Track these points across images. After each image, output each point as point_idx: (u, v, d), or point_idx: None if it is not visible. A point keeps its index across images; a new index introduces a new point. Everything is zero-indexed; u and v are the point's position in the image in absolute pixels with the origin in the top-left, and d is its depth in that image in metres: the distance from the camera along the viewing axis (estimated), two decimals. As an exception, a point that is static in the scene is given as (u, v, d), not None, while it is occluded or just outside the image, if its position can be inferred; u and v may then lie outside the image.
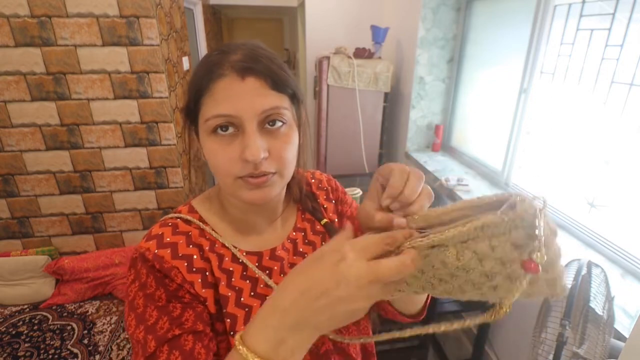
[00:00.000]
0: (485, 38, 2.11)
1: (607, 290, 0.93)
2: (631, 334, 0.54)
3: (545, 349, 0.89)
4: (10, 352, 1.88)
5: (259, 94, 0.47)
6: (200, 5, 3.31)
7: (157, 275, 0.50)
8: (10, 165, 2.13)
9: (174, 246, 0.52)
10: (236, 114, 0.47)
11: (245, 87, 0.47)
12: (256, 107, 0.47)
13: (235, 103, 0.47)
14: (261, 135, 0.48)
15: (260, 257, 0.57)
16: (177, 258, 0.51)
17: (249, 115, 0.47)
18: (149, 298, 0.49)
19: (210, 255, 0.54)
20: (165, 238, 0.53)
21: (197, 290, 0.51)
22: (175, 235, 0.54)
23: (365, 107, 2.55)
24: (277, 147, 0.49)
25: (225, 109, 0.47)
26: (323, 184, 0.70)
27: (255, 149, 0.46)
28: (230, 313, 0.52)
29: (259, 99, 0.47)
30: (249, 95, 0.47)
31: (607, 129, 1.32)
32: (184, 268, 0.51)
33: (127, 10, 1.91)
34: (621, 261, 1.26)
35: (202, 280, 0.52)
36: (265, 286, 0.56)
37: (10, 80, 1.95)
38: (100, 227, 2.36)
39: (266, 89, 0.48)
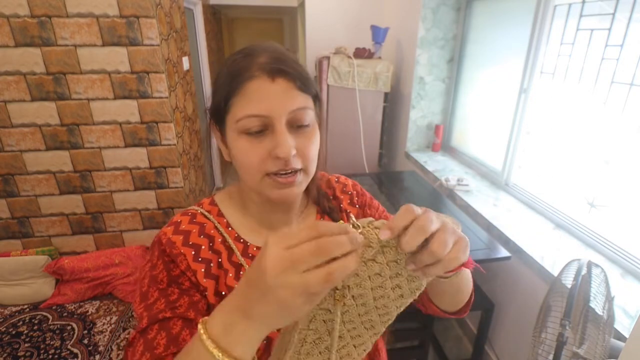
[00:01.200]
0: (485, 38, 2.11)
1: (607, 290, 0.93)
2: (631, 334, 0.54)
3: (545, 349, 0.89)
4: (10, 352, 1.88)
5: (288, 94, 0.50)
6: (200, 5, 3.31)
7: (165, 260, 0.54)
8: (10, 165, 2.13)
9: (186, 234, 0.56)
10: (268, 114, 0.49)
11: (276, 88, 0.50)
12: (286, 106, 0.50)
13: (267, 103, 0.49)
14: (291, 134, 0.51)
15: None
16: (186, 245, 0.55)
17: (280, 115, 0.50)
18: (154, 279, 0.53)
19: (221, 248, 0.57)
20: (181, 225, 0.57)
21: (199, 278, 0.54)
22: (191, 224, 0.58)
23: (365, 107, 2.55)
24: (303, 145, 0.52)
25: (258, 109, 0.49)
26: (348, 188, 0.71)
27: (286, 147, 0.49)
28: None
29: (288, 99, 0.50)
30: (279, 96, 0.50)
31: (607, 129, 1.32)
32: (190, 256, 0.54)
33: (127, 10, 1.91)
34: (621, 261, 1.26)
35: (206, 270, 0.55)
36: None
37: (10, 80, 1.95)
38: (100, 227, 2.36)
39: (294, 89, 0.51)
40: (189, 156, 2.61)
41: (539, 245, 1.41)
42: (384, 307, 0.41)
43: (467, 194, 1.86)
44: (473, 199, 1.81)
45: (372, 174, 2.38)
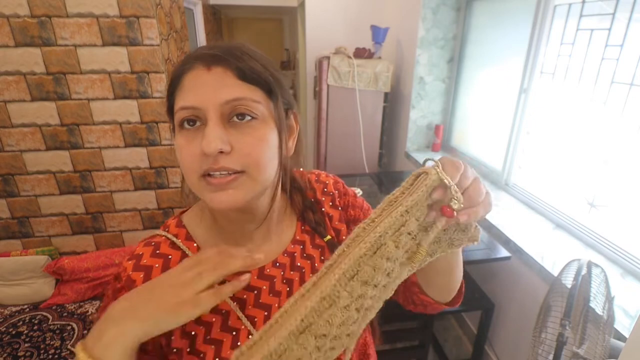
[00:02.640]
0: (485, 38, 2.11)
1: (607, 290, 0.93)
2: (631, 334, 0.54)
3: (545, 349, 0.89)
4: (10, 352, 1.88)
5: (223, 83, 0.45)
6: (200, 5, 3.31)
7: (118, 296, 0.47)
8: (10, 165, 2.13)
9: (148, 270, 0.49)
10: (199, 105, 0.44)
11: (210, 77, 0.45)
12: (219, 97, 0.44)
13: (200, 93, 0.44)
14: (225, 129, 0.44)
15: (261, 269, 0.53)
16: None
17: (211, 106, 0.44)
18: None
19: None
20: (142, 260, 0.50)
21: None
22: (154, 257, 0.51)
23: (365, 107, 2.56)
24: (244, 143, 0.45)
25: (189, 100, 0.45)
26: (329, 188, 0.64)
27: (210, 139, 0.43)
28: (214, 339, 0.49)
29: (223, 89, 0.44)
30: (212, 85, 0.44)
31: (607, 129, 1.32)
32: None
33: (127, 10, 1.91)
34: (621, 261, 1.26)
35: None
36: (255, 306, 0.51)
37: (10, 80, 1.95)
38: (100, 227, 2.36)
39: (232, 78, 0.45)
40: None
41: (539, 245, 1.41)
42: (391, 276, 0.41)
43: (467, 194, 1.86)
44: (473, 199, 1.80)
45: (372, 174, 2.38)
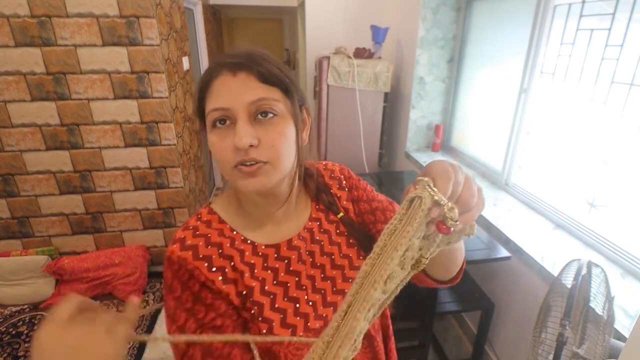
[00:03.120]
0: (485, 38, 2.11)
1: (607, 290, 0.93)
2: (631, 334, 0.54)
3: (545, 349, 0.89)
4: (10, 352, 1.88)
5: (248, 87, 0.52)
6: (200, 5, 3.31)
7: (182, 279, 0.55)
8: (10, 165, 2.13)
9: (194, 248, 0.57)
10: (228, 106, 0.52)
11: (236, 82, 0.52)
12: (245, 98, 0.51)
13: (228, 96, 0.52)
14: (252, 125, 0.52)
15: (278, 249, 0.62)
16: (197, 259, 0.56)
17: (239, 106, 0.51)
18: (177, 301, 0.54)
19: (232, 252, 0.59)
20: (186, 241, 0.57)
21: (218, 286, 0.56)
22: (195, 238, 0.58)
23: (365, 107, 2.56)
24: (268, 137, 0.52)
25: (220, 102, 0.52)
26: (335, 173, 0.73)
27: (242, 135, 0.50)
28: (256, 301, 0.57)
29: (247, 92, 0.52)
30: (239, 89, 0.52)
31: (607, 129, 1.32)
32: (204, 268, 0.56)
33: (127, 10, 1.91)
34: (621, 261, 1.26)
35: (223, 278, 0.56)
36: (286, 273, 0.61)
37: (10, 80, 1.95)
38: (100, 227, 2.36)
39: (255, 82, 0.52)
40: (189, 156, 2.61)
41: (539, 245, 1.41)
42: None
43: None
44: (473, 199, 1.80)
45: (372, 174, 2.38)
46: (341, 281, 0.62)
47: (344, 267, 0.64)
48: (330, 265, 0.63)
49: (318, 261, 0.63)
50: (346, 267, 0.64)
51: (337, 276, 0.63)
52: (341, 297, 0.61)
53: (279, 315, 0.57)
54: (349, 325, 0.37)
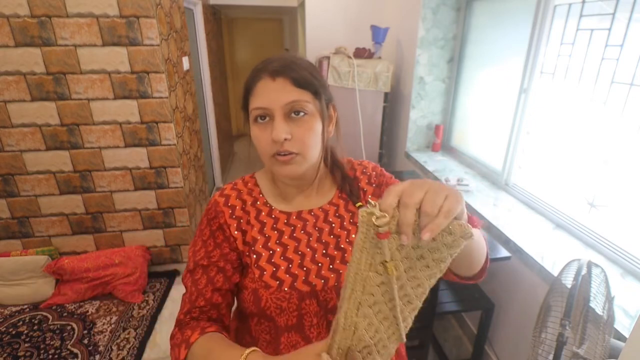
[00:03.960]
0: (485, 38, 2.11)
1: (607, 290, 0.93)
2: (631, 334, 0.54)
3: (545, 349, 0.89)
4: (10, 352, 1.88)
5: (284, 90, 0.63)
6: (200, 5, 3.31)
7: (209, 216, 0.73)
8: (10, 165, 2.13)
9: (227, 197, 0.75)
10: (268, 106, 0.64)
11: (275, 86, 0.64)
12: (282, 100, 0.63)
13: (268, 97, 0.64)
14: (287, 122, 0.64)
15: (289, 216, 0.75)
16: (226, 206, 0.73)
17: (277, 106, 0.63)
18: (200, 231, 0.73)
19: (250, 209, 0.74)
20: (225, 191, 0.76)
21: (232, 231, 0.72)
22: (232, 190, 0.76)
23: (365, 107, 2.56)
24: (299, 133, 0.65)
25: (261, 102, 0.64)
26: (368, 170, 0.83)
27: (279, 131, 0.63)
28: (257, 251, 0.71)
29: (284, 94, 0.63)
30: (277, 92, 0.63)
31: (607, 129, 1.32)
32: (227, 214, 0.73)
33: (127, 10, 1.91)
34: (621, 261, 1.26)
35: (237, 225, 0.72)
36: (290, 237, 0.73)
37: (10, 80, 1.95)
38: (100, 227, 2.36)
39: (290, 86, 0.64)
40: (189, 156, 2.61)
41: (539, 245, 1.41)
42: (415, 279, 0.46)
43: (467, 194, 1.86)
44: (473, 199, 1.81)
45: (372, 174, 2.37)
46: (339, 262, 0.71)
47: (346, 250, 0.72)
48: (334, 245, 0.73)
49: (324, 238, 0.73)
50: (348, 252, 0.72)
51: (337, 257, 0.72)
52: (335, 275, 0.70)
53: (272, 267, 0.69)
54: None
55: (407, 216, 0.40)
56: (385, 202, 0.41)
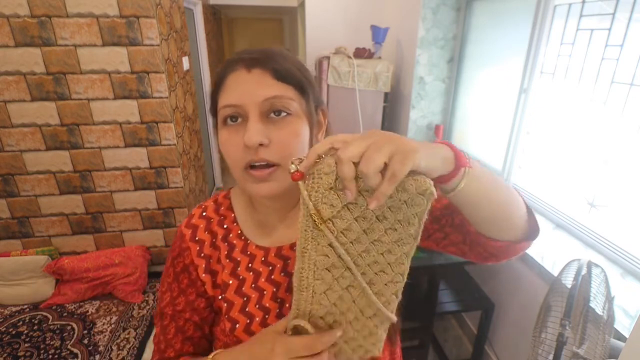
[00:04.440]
0: (485, 38, 2.11)
1: (607, 290, 0.93)
2: (631, 334, 0.54)
3: (545, 349, 0.89)
4: (10, 352, 1.88)
5: (262, 83, 0.50)
6: (200, 5, 3.31)
7: (173, 254, 0.61)
8: (10, 165, 2.13)
9: (194, 229, 0.61)
10: (241, 103, 0.50)
11: (251, 78, 0.51)
12: (258, 95, 0.50)
13: (241, 92, 0.50)
14: (265, 124, 0.50)
15: (267, 253, 0.60)
16: (193, 240, 0.60)
17: (251, 103, 0.50)
18: (165, 270, 0.62)
19: (221, 245, 0.60)
20: (193, 219, 0.62)
21: (199, 273, 0.59)
22: (200, 218, 0.62)
23: (365, 107, 2.55)
24: (280, 137, 0.50)
25: (232, 99, 0.51)
26: None
27: (252, 133, 0.48)
28: (228, 298, 0.58)
29: (261, 88, 0.50)
30: (252, 85, 0.50)
31: (607, 129, 1.32)
32: (194, 251, 0.60)
33: (127, 10, 1.91)
34: (621, 261, 1.26)
35: (205, 266, 0.60)
36: (267, 280, 0.59)
37: (10, 80, 1.95)
38: (100, 227, 2.36)
39: (270, 78, 0.51)
40: (189, 156, 2.61)
41: (539, 245, 1.41)
42: (380, 244, 0.42)
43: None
44: (473, 199, 1.80)
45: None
46: None
47: None
48: None
49: None
50: None
51: None
52: None
53: (245, 319, 0.57)
54: None
55: (343, 171, 0.35)
56: (312, 149, 0.37)
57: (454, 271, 1.79)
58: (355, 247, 0.41)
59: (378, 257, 0.42)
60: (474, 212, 0.49)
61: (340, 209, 0.38)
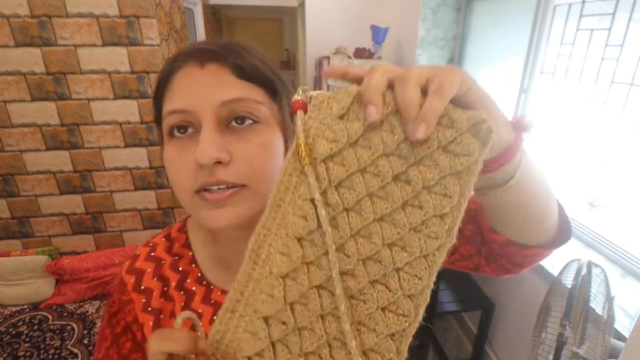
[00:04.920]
0: (485, 38, 2.11)
1: (607, 290, 0.93)
2: (631, 334, 0.54)
3: (545, 349, 0.89)
4: (10, 352, 1.88)
5: (219, 82, 0.38)
6: (200, 5, 3.31)
7: (111, 309, 0.48)
8: (10, 165, 2.13)
9: (140, 274, 0.47)
10: (191, 108, 0.38)
11: (204, 75, 0.39)
12: (215, 97, 0.38)
13: (192, 94, 0.38)
14: (223, 135, 0.38)
15: None
16: (137, 291, 0.47)
17: (206, 108, 0.37)
18: (102, 331, 0.49)
19: (176, 294, 0.47)
20: (137, 261, 0.48)
21: (145, 332, 0.46)
22: (148, 260, 0.48)
23: (365, 107, 2.55)
24: (245, 152, 0.38)
25: (180, 103, 0.38)
26: None
27: (206, 147, 0.36)
28: None
29: (219, 89, 0.38)
30: (206, 85, 0.38)
31: (607, 129, 1.32)
32: (140, 305, 0.46)
33: (127, 10, 1.91)
34: (621, 261, 1.26)
35: (154, 323, 0.46)
36: None
37: (10, 80, 1.95)
38: (100, 227, 2.36)
39: (230, 76, 0.39)
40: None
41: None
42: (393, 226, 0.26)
43: (467, 194, 1.86)
44: (473, 199, 1.80)
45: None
46: None
47: None
48: None
49: None
50: None
51: None
52: None
53: None
54: None
55: (370, 80, 0.26)
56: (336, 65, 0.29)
57: (454, 271, 1.79)
58: (349, 220, 0.27)
59: (382, 253, 0.27)
60: (515, 214, 0.38)
61: (344, 147, 0.26)
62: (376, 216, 0.26)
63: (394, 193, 0.26)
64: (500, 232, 0.42)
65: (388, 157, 0.26)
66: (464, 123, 0.25)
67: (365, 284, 0.27)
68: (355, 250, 0.27)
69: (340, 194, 0.27)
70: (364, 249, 0.27)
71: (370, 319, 0.28)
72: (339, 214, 0.27)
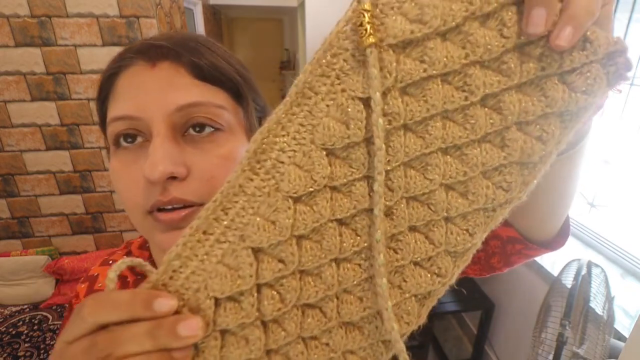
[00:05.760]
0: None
1: (607, 290, 0.93)
2: (631, 334, 0.54)
3: (545, 349, 0.89)
4: (10, 352, 1.88)
5: (173, 84, 0.33)
6: (200, 5, 3.31)
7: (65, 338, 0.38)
8: (10, 165, 2.12)
9: None
10: (140, 114, 0.32)
11: (155, 76, 0.33)
12: (168, 101, 0.32)
13: (140, 98, 0.33)
14: (179, 145, 0.32)
15: None
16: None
17: (158, 114, 0.32)
18: None
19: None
20: (97, 283, 0.41)
21: None
22: None
23: (365, 107, 2.56)
24: (205, 165, 0.33)
25: (126, 108, 0.33)
26: None
27: (157, 160, 0.30)
28: None
29: (173, 91, 0.33)
30: (158, 87, 0.33)
31: (607, 129, 1.32)
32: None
33: (127, 10, 1.91)
34: (621, 261, 1.26)
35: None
36: None
37: (10, 80, 1.95)
38: (100, 227, 2.36)
39: (186, 77, 0.33)
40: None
41: (539, 245, 1.41)
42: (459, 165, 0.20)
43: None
44: (473, 199, 1.80)
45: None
46: None
47: None
48: None
49: None
50: None
51: None
52: None
53: None
54: None
55: None
56: None
57: (454, 271, 1.79)
58: (405, 142, 0.19)
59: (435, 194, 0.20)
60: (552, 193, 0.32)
61: (431, 35, 0.18)
62: (443, 145, 0.19)
63: (477, 119, 0.19)
64: (514, 222, 0.36)
65: (484, 68, 0.18)
66: (601, 47, 0.18)
67: (404, 230, 0.21)
68: (403, 183, 0.20)
69: (405, 102, 0.19)
70: (414, 184, 0.20)
71: (398, 274, 0.22)
72: (396, 131, 0.19)
